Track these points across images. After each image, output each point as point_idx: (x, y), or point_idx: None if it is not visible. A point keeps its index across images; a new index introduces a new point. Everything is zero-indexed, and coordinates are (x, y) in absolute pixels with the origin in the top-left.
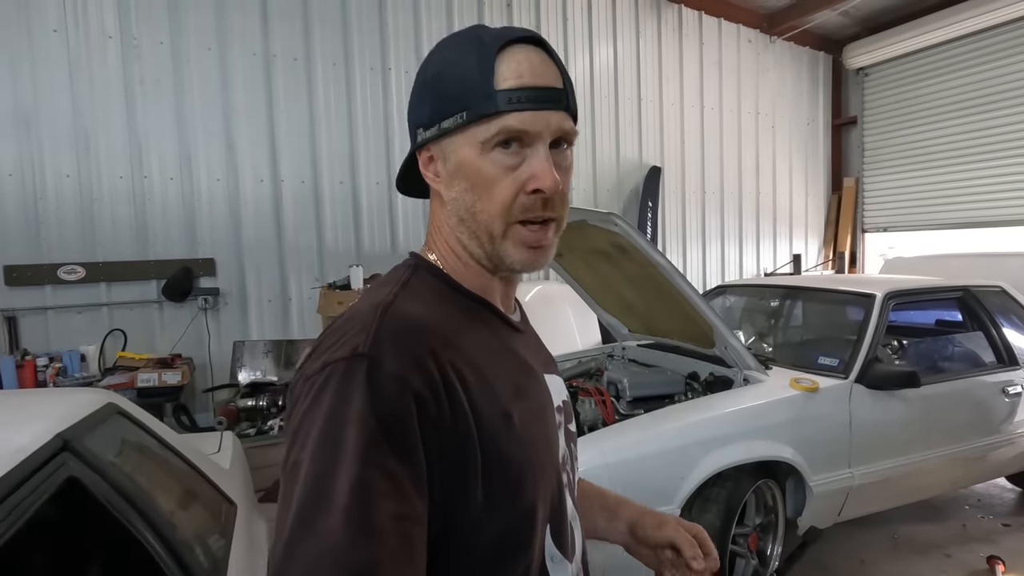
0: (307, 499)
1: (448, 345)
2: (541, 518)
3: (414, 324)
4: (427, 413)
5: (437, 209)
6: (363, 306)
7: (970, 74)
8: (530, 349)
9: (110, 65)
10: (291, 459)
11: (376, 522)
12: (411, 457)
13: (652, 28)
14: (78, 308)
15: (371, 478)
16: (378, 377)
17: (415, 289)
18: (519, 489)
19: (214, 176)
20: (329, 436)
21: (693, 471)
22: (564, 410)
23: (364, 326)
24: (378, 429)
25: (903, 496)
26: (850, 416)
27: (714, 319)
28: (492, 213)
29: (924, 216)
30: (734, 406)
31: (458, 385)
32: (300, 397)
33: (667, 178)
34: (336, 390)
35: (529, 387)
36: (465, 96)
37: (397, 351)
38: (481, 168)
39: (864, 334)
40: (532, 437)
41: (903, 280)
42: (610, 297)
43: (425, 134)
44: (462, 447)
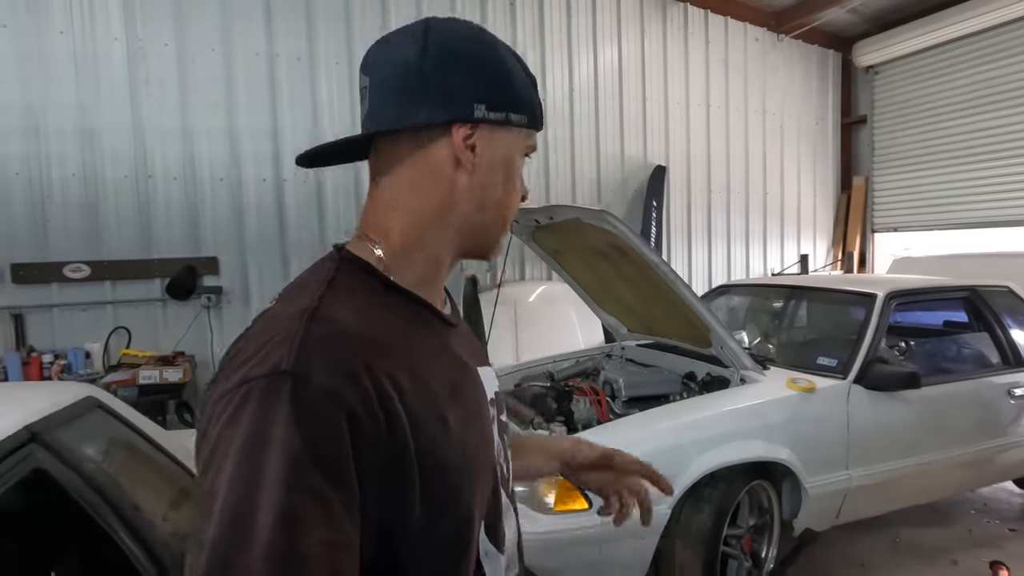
0: (225, 533)
1: (383, 352)
2: (478, 520)
3: (343, 333)
4: (361, 431)
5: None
6: (284, 312)
7: (982, 71)
8: (463, 344)
9: (116, 66)
10: (207, 485)
11: (303, 552)
12: (342, 480)
13: (657, 27)
14: (83, 306)
15: (297, 505)
16: (305, 395)
17: (342, 289)
18: (458, 495)
19: (217, 175)
20: (248, 460)
21: (685, 471)
22: (497, 402)
23: (287, 336)
24: (305, 451)
25: (904, 499)
26: (848, 417)
27: (710, 319)
28: (512, 209)
29: (935, 216)
30: (728, 406)
31: (395, 396)
32: (213, 417)
33: (672, 177)
34: (256, 410)
35: (464, 385)
36: (527, 102)
37: (326, 365)
38: (518, 169)
39: (864, 334)
40: (469, 437)
41: (906, 280)
42: (609, 297)
43: (488, 114)
44: (399, 463)
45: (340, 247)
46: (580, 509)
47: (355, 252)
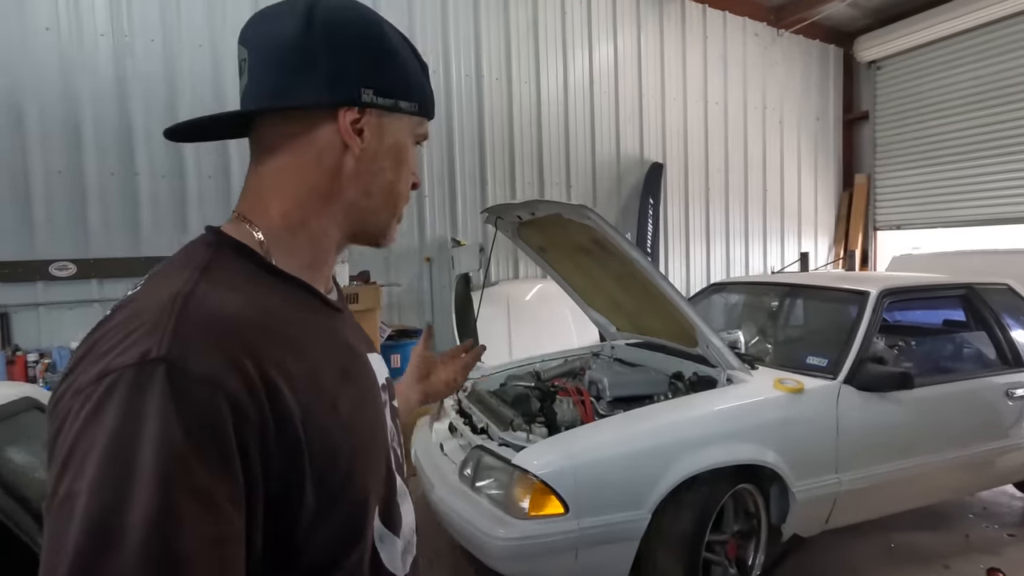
0: (88, 540)
1: (265, 336)
2: (372, 504)
3: (223, 316)
4: (245, 418)
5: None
6: (152, 298)
7: (986, 66)
8: (350, 329)
9: (102, 62)
10: (61, 491)
11: (184, 552)
12: (226, 472)
13: (654, 22)
14: (69, 304)
15: (176, 503)
16: (182, 383)
17: (220, 274)
18: (350, 481)
19: (205, 173)
20: (116, 459)
21: (666, 474)
22: (388, 388)
23: (156, 323)
24: (185, 444)
25: (897, 503)
26: (837, 419)
27: (693, 316)
28: (402, 195)
29: (939, 213)
30: (713, 407)
31: (280, 381)
32: (69, 415)
33: (670, 175)
34: (123, 403)
35: (354, 370)
36: (418, 90)
37: (204, 350)
38: (408, 156)
39: (855, 333)
40: (360, 422)
41: (901, 278)
42: (598, 295)
43: (376, 99)
44: (287, 450)
45: (215, 230)
46: (556, 514)
47: (232, 235)
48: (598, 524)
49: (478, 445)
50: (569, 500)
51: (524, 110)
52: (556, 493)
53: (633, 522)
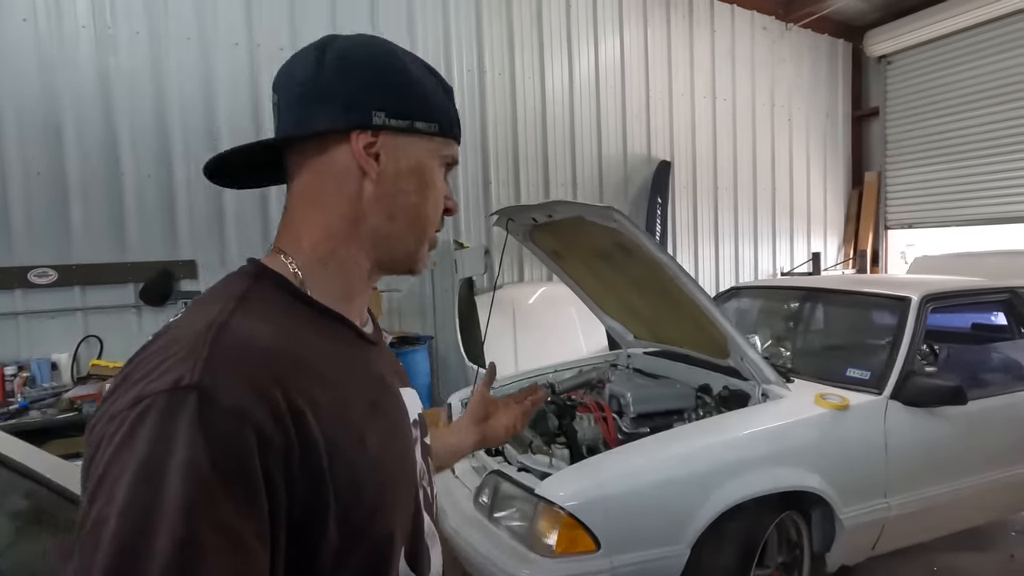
0: (115, 565)
1: (297, 368)
2: (398, 542)
3: (254, 346)
4: (271, 449)
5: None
6: (188, 325)
7: (1000, 60)
8: (384, 363)
9: (83, 56)
10: (92, 516)
11: None
12: (252, 504)
13: (661, 15)
14: (51, 313)
15: (201, 535)
16: (210, 413)
17: (255, 303)
18: (375, 517)
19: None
20: (144, 487)
21: (705, 504)
22: (420, 424)
23: (191, 350)
24: (212, 475)
25: (945, 527)
26: (885, 438)
27: (727, 326)
28: (431, 219)
29: (952, 212)
30: (753, 427)
31: (308, 413)
32: (104, 439)
33: (677, 173)
34: (154, 430)
35: (385, 403)
36: (439, 111)
37: (235, 379)
38: (435, 179)
39: (899, 343)
40: (388, 457)
41: (941, 281)
42: (614, 301)
43: (389, 121)
44: (312, 481)
45: (255, 261)
46: (587, 552)
47: (270, 266)
48: (633, 562)
49: (495, 470)
50: (600, 536)
51: (528, 107)
52: (586, 528)
53: (671, 558)
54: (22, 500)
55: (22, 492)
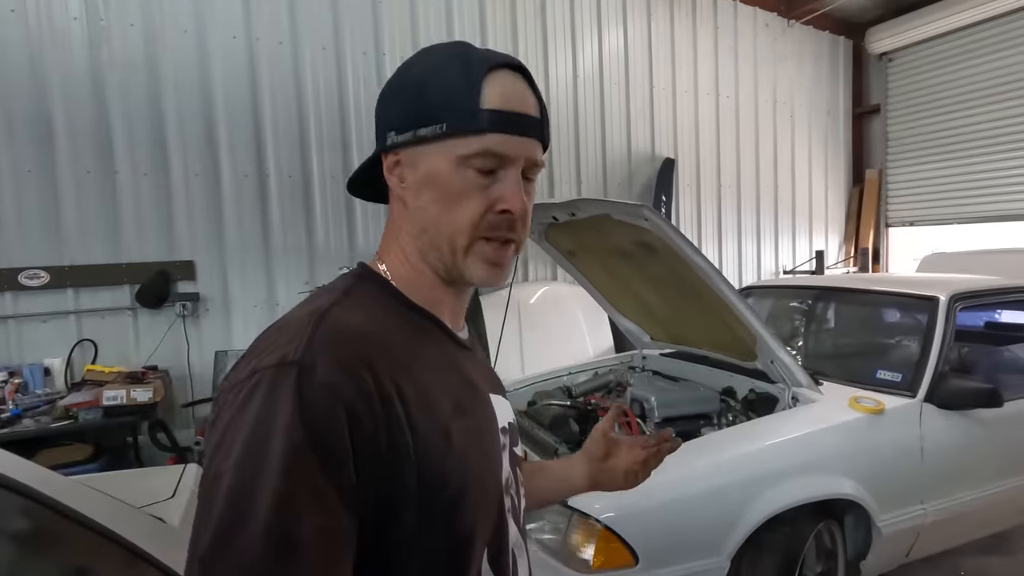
0: (227, 513)
1: (388, 356)
2: (479, 543)
3: (352, 332)
4: (359, 425)
5: (397, 215)
6: (299, 313)
7: (1003, 57)
8: (476, 368)
9: (75, 48)
10: (212, 470)
11: (298, 537)
12: (339, 470)
13: (664, 11)
14: (43, 316)
15: (295, 492)
16: (307, 386)
17: (358, 298)
18: (455, 511)
19: (192, 171)
20: (254, 447)
21: (746, 514)
22: (510, 432)
23: (297, 333)
24: (305, 440)
25: (978, 531)
26: (921, 441)
27: (760, 328)
28: (458, 227)
29: (953, 209)
30: (789, 433)
31: (396, 398)
32: (225, 405)
33: (681, 171)
34: (263, 398)
35: (472, 405)
36: (447, 108)
37: (330, 359)
38: (454, 182)
39: (930, 344)
40: (471, 456)
41: (966, 280)
42: (629, 300)
43: (397, 138)
44: (396, 462)
45: (363, 264)
46: (625, 566)
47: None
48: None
49: None
50: (639, 549)
51: None
52: (624, 541)
53: (711, 571)
54: (18, 518)
55: (17, 510)
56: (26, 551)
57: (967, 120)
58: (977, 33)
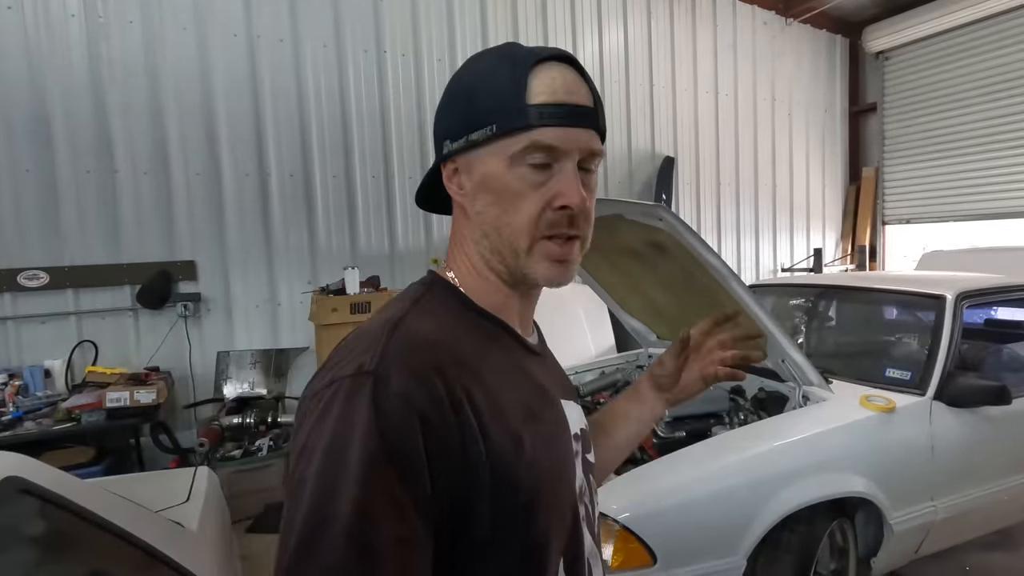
0: (310, 519)
1: (458, 363)
2: (554, 552)
3: (423, 341)
4: (433, 433)
5: (460, 223)
6: (374, 323)
7: (997, 57)
8: (547, 373)
9: (73, 46)
10: (297, 475)
11: (377, 545)
12: (415, 479)
13: (664, 9)
14: (42, 318)
15: (373, 500)
16: (382, 395)
17: (428, 307)
18: (530, 518)
19: (193, 170)
20: (334, 455)
21: (762, 513)
22: (582, 439)
23: (372, 343)
24: (381, 449)
25: (985, 527)
26: (932, 439)
27: (772, 327)
28: (517, 228)
29: (950, 207)
30: (803, 432)
31: (467, 405)
32: (307, 413)
33: (681, 169)
34: (341, 408)
35: (543, 411)
36: (496, 109)
37: (404, 369)
38: (508, 182)
39: (939, 342)
40: (544, 463)
41: (971, 278)
42: (636, 300)
43: (452, 146)
44: (470, 470)
45: (432, 272)
46: (643, 566)
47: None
48: (690, 575)
49: None
50: (657, 549)
51: None
52: (642, 541)
53: (728, 571)
54: (38, 521)
55: (37, 512)
56: (45, 554)
57: (962, 119)
58: (972, 32)
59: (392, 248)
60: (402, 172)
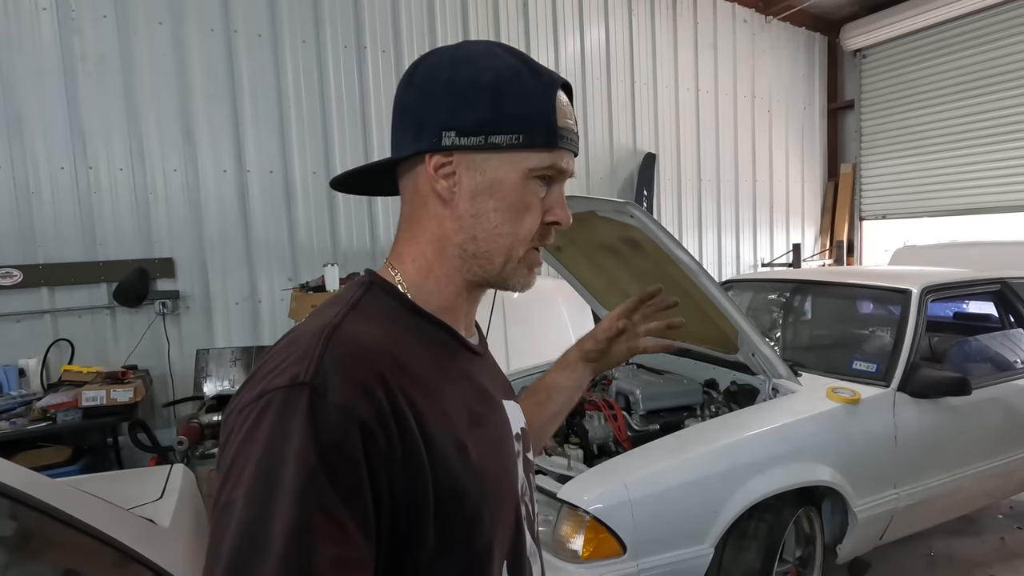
0: (240, 545)
1: (400, 370)
2: (498, 556)
3: (362, 348)
4: (375, 446)
5: (433, 219)
6: (307, 328)
7: (972, 54)
8: (488, 374)
9: (44, 41)
10: (223, 498)
11: (315, 569)
12: (355, 495)
13: (645, 6)
14: (16, 316)
15: (310, 520)
16: (320, 407)
17: (366, 309)
18: (474, 526)
19: (170, 166)
20: (265, 473)
21: (728, 503)
22: (523, 438)
23: (307, 351)
24: (319, 465)
25: (946, 514)
26: (895, 429)
27: (742, 321)
28: (520, 238)
29: (924, 203)
30: (771, 423)
31: (409, 414)
32: (235, 429)
33: (662, 165)
34: (273, 422)
35: (486, 415)
36: (527, 120)
37: (342, 378)
38: (521, 194)
39: (903, 335)
40: (489, 468)
41: (937, 273)
42: (614, 295)
43: (460, 140)
44: (413, 482)
45: (370, 272)
46: (613, 556)
47: (383, 276)
48: (659, 564)
49: None
50: (627, 539)
51: None
52: (612, 531)
53: (696, 559)
54: (5, 522)
55: (4, 513)
56: (16, 555)
57: (936, 116)
58: (947, 31)
59: (373, 244)
60: None
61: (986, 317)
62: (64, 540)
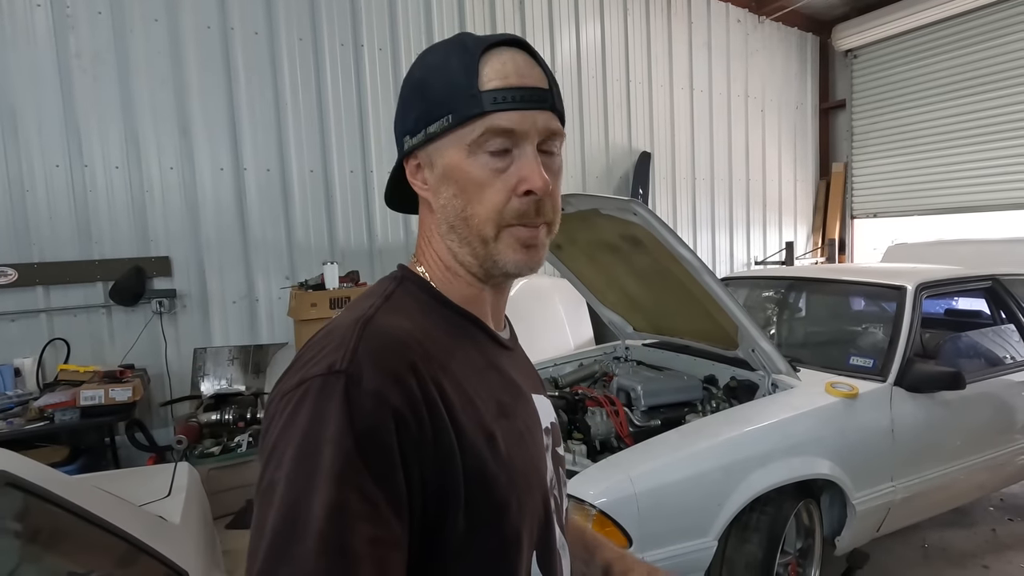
0: (281, 524)
1: (430, 360)
2: (527, 545)
3: (394, 338)
4: (407, 432)
5: (426, 218)
6: (343, 320)
7: (962, 55)
8: (518, 368)
9: (39, 37)
10: (266, 479)
11: (352, 547)
12: (389, 478)
13: (640, 5)
14: (11, 316)
15: (347, 500)
16: (355, 394)
17: (399, 302)
18: (503, 514)
19: (167, 164)
20: (305, 456)
21: (731, 496)
22: (552, 432)
23: (342, 341)
24: (355, 449)
25: (941, 506)
26: (892, 423)
27: (742, 318)
28: (484, 217)
29: (915, 201)
30: (772, 418)
31: (440, 402)
32: (276, 414)
33: (657, 164)
34: (312, 408)
35: (514, 407)
36: (450, 99)
37: (376, 367)
38: (469, 171)
39: (899, 331)
40: (516, 458)
41: (931, 270)
42: (613, 292)
43: (412, 141)
44: (443, 467)
45: (402, 266)
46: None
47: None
48: (664, 557)
49: None
50: (632, 532)
51: None
52: (618, 525)
53: (700, 551)
54: (25, 515)
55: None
56: (34, 548)
57: (926, 116)
58: (937, 31)
59: (371, 242)
60: (380, 166)
61: (976, 313)
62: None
